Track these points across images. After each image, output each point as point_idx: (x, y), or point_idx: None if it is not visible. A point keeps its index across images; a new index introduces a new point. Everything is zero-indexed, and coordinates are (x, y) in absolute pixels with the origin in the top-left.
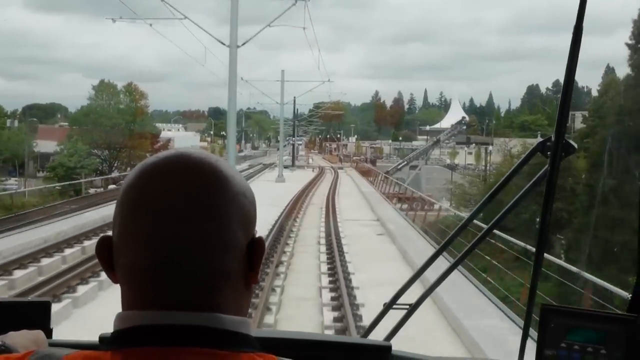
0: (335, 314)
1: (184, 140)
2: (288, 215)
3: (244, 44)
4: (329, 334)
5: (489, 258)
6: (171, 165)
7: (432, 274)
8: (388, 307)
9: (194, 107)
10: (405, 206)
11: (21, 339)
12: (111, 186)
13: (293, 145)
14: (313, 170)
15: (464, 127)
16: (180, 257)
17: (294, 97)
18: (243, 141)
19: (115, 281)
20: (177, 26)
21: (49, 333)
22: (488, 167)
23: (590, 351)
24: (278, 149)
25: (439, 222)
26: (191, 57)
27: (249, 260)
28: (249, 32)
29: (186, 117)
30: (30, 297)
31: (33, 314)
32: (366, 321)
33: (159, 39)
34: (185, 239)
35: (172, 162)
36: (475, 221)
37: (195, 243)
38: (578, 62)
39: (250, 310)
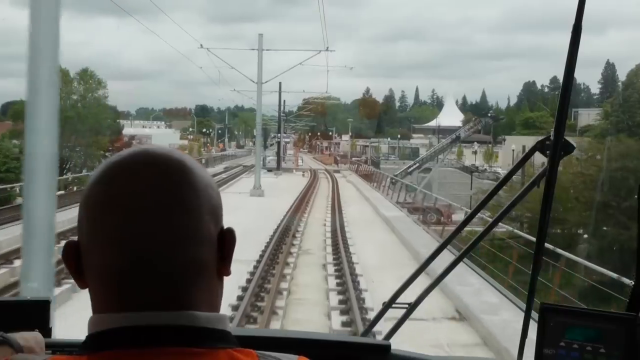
0: None
1: (162, 137)
2: (252, 307)
3: None
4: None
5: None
6: (137, 162)
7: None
8: (387, 306)
9: (181, 105)
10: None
11: (19, 335)
12: (60, 192)
13: (279, 143)
14: (304, 175)
15: (491, 122)
16: (152, 255)
17: (279, 83)
18: (226, 139)
19: (83, 287)
20: (166, 23)
21: (48, 332)
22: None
23: (590, 350)
24: (265, 148)
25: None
26: (179, 51)
27: (221, 251)
28: (240, 30)
29: (172, 115)
30: (30, 297)
31: (33, 313)
32: None
33: (147, 36)
34: (157, 235)
35: (137, 159)
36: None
37: (167, 239)
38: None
39: None
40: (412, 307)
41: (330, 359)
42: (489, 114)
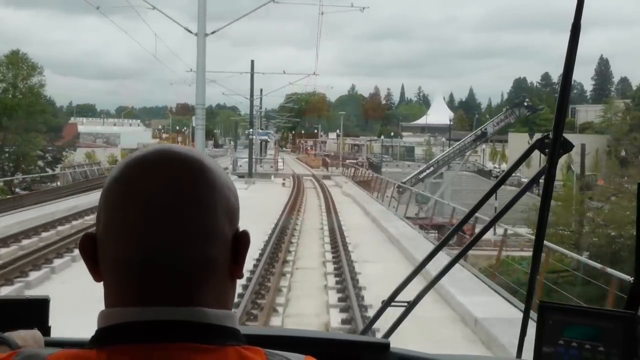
0: None
1: (132, 136)
2: None
3: None
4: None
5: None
6: (156, 159)
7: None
8: (386, 304)
9: (162, 104)
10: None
11: (16, 334)
12: None
13: (250, 141)
14: (284, 184)
15: (527, 113)
16: (165, 250)
17: (252, 61)
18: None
19: (98, 280)
20: (150, 22)
21: (47, 331)
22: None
23: (588, 348)
24: (244, 147)
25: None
26: (155, 57)
27: (234, 252)
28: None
29: (153, 114)
30: (29, 295)
31: (31, 311)
32: None
33: (130, 34)
34: (170, 231)
35: (157, 156)
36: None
37: (180, 235)
38: (560, 59)
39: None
40: (410, 306)
41: (330, 357)
42: (525, 103)
